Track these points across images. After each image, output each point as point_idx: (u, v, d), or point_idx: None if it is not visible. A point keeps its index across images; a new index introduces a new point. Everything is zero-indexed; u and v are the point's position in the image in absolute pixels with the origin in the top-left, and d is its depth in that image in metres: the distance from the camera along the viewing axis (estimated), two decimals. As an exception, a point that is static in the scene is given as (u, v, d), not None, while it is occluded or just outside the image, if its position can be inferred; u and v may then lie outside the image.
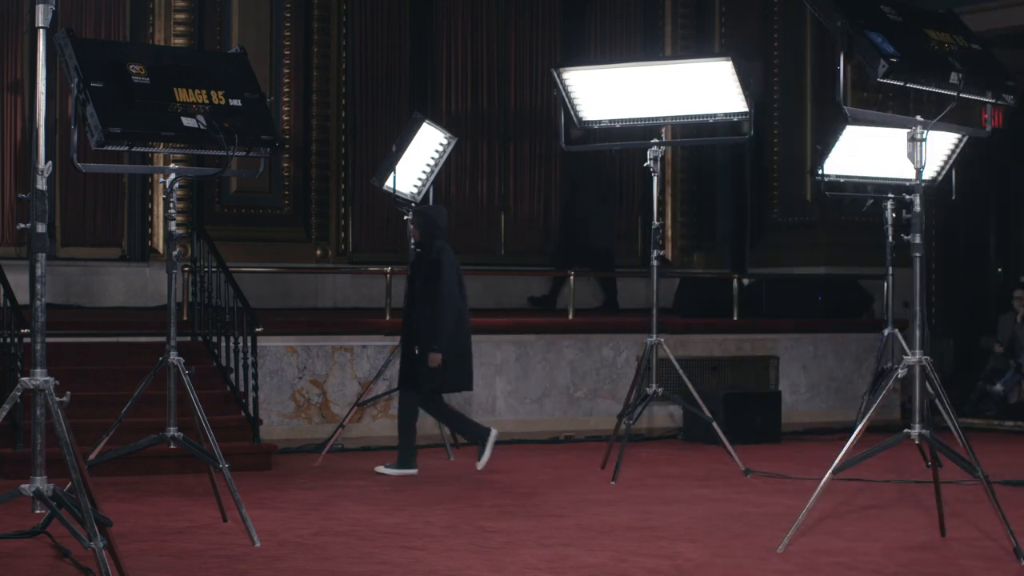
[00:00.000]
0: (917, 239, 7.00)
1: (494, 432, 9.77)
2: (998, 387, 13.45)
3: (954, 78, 6.96)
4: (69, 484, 5.63)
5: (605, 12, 15.41)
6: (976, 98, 7.18)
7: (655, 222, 9.74)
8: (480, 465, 9.69)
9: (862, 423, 7.08)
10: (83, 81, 6.55)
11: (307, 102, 13.66)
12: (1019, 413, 13.27)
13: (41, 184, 5.60)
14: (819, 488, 6.93)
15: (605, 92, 9.72)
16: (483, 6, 14.78)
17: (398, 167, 10.70)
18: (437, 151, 10.95)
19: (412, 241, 10.18)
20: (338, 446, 10.75)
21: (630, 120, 9.72)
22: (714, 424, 9.96)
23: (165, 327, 7.39)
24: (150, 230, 13.06)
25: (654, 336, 9.72)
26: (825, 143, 10.50)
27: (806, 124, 15.02)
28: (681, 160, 15.57)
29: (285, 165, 13.49)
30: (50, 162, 5.62)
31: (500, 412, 11.80)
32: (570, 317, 12.51)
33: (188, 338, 10.64)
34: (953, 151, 10.12)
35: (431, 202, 10.95)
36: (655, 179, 9.72)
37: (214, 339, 10.68)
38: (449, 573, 6.41)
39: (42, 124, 5.62)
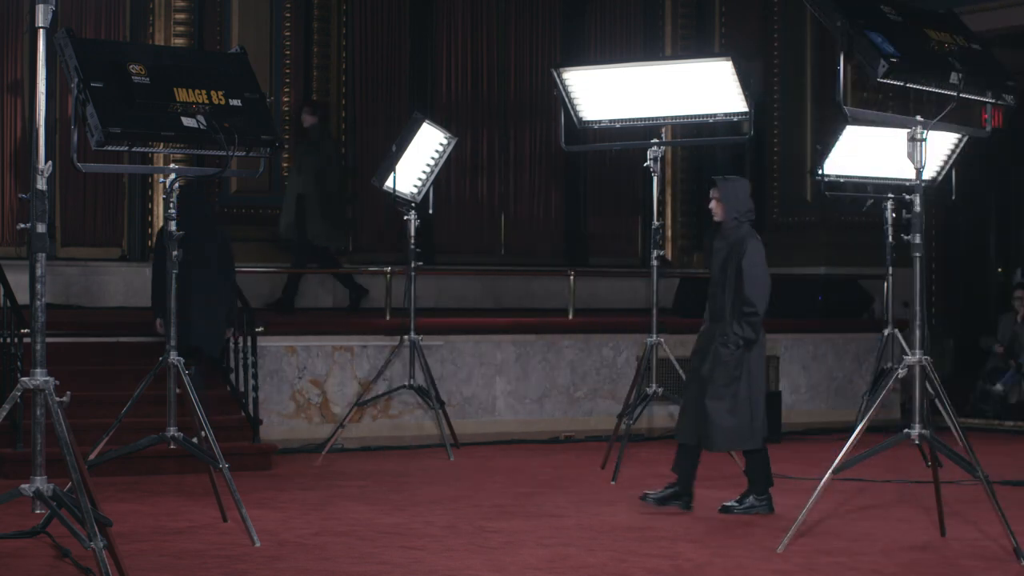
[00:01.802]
0: (917, 239, 7.01)
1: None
2: (998, 387, 13.44)
3: (954, 78, 6.97)
4: (69, 484, 5.63)
5: (605, 12, 15.42)
6: (976, 98, 7.19)
7: (655, 222, 9.74)
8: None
9: (862, 423, 7.08)
10: (83, 81, 6.55)
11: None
12: (1019, 413, 13.27)
13: (41, 184, 5.60)
14: (819, 488, 6.93)
15: (605, 92, 9.72)
16: (483, 6, 14.78)
17: (398, 167, 10.70)
18: (437, 151, 10.95)
19: None
20: (338, 446, 10.75)
21: (630, 120, 9.72)
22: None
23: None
24: (150, 230, 13.06)
25: (654, 336, 9.72)
26: (825, 143, 10.50)
27: (806, 124, 15.02)
28: (681, 160, 15.58)
29: (285, 165, 13.49)
30: (50, 162, 5.62)
31: (500, 412, 11.80)
32: (570, 317, 12.51)
33: (188, 338, 10.63)
34: (953, 151, 10.12)
35: (431, 203, 10.95)
36: (655, 179, 9.73)
37: (214, 339, 10.67)
38: (449, 573, 6.41)
39: (42, 124, 5.62)
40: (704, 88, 9.44)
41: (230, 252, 9.77)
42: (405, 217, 10.82)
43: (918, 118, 7.01)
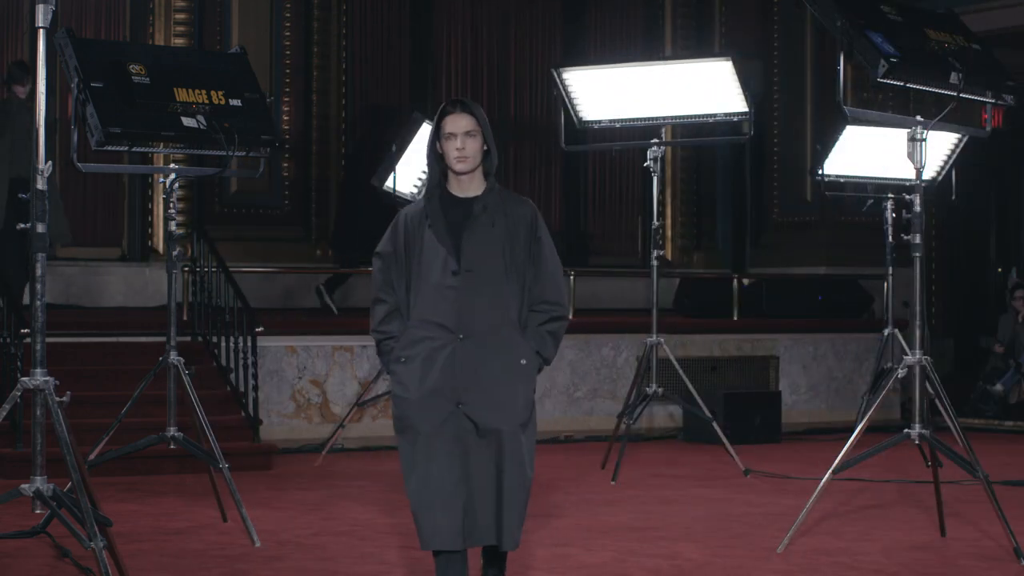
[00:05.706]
0: (917, 239, 7.00)
1: None
2: (998, 387, 13.45)
3: (954, 78, 6.96)
4: (69, 484, 5.63)
5: (605, 12, 15.41)
6: (976, 98, 7.18)
7: (655, 222, 9.74)
8: None
9: (862, 423, 7.08)
10: (83, 81, 6.55)
11: (307, 102, 13.66)
12: (1019, 413, 13.27)
13: (41, 184, 5.60)
14: (819, 488, 6.92)
15: (605, 92, 9.73)
16: (483, 6, 14.78)
17: (398, 167, 10.70)
18: (437, 151, 10.93)
19: None
20: (338, 446, 10.74)
21: (630, 120, 9.72)
22: (714, 424, 9.96)
23: (165, 327, 7.39)
24: (150, 230, 13.06)
25: (654, 336, 9.72)
26: (825, 143, 10.50)
27: (806, 124, 15.01)
28: (681, 160, 15.58)
29: (285, 165, 13.49)
30: (50, 162, 5.62)
31: (500, 412, 11.77)
32: (570, 317, 12.48)
33: (188, 338, 10.64)
34: (953, 151, 10.12)
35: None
36: (655, 179, 9.73)
37: (214, 339, 10.68)
38: (449, 573, 6.40)
39: (42, 124, 5.62)
40: (704, 88, 9.44)
41: None
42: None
43: (918, 118, 7.01)
